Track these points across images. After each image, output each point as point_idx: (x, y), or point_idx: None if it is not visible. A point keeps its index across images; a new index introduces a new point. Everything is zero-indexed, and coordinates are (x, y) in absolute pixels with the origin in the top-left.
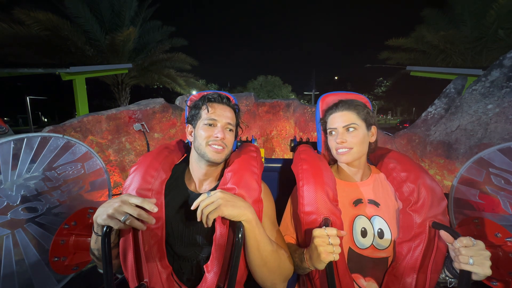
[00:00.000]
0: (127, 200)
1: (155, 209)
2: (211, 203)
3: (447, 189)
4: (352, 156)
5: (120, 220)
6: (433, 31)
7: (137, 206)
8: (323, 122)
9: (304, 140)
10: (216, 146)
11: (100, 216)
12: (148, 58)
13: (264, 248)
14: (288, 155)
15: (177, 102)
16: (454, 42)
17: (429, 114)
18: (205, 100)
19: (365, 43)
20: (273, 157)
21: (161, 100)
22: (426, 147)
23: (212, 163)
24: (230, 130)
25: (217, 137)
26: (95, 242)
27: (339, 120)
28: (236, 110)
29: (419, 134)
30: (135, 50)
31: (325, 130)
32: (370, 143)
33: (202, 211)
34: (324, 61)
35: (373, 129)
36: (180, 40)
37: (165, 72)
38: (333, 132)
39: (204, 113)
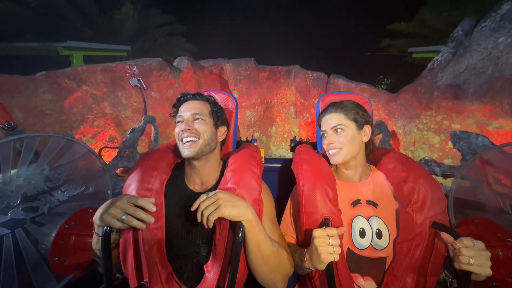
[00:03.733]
0: (126, 200)
1: (153, 209)
2: (211, 204)
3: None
4: (342, 156)
5: (119, 220)
6: (435, 14)
7: (136, 205)
8: (318, 126)
9: (304, 140)
10: (186, 139)
11: (100, 217)
12: (147, 42)
13: (265, 247)
14: (289, 125)
15: (175, 63)
16: (456, 24)
17: (436, 62)
18: (174, 104)
19: (364, 29)
20: (274, 127)
21: (158, 58)
22: (432, 93)
23: (191, 159)
24: (199, 119)
25: (183, 130)
26: (96, 242)
27: (327, 122)
28: (209, 100)
29: (425, 84)
30: (135, 35)
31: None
32: (366, 144)
33: (202, 212)
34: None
35: (366, 128)
36: (180, 26)
37: (164, 58)
38: (325, 134)
39: (176, 114)
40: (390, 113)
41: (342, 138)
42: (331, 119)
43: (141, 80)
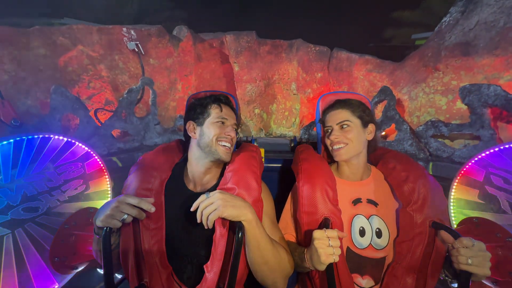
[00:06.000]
0: (125, 200)
1: (152, 209)
2: (211, 204)
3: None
4: (347, 152)
5: (119, 220)
6: (443, 1)
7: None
8: (322, 121)
9: (304, 141)
10: (225, 144)
11: (100, 218)
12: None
13: (265, 247)
14: (290, 102)
15: (175, 32)
16: None
17: (444, 23)
18: (216, 100)
19: (366, 19)
20: (274, 105)
21: (157, 25)
22: (440, 54)
23: (221, 162)
24: (234, 128)
25: (229, 135)
26: (96, 244)
27: (334, 118)
28: (237, 114)
29: (432, 46)
30: (134, 20)
31: (324, 130)
32: (369, 142)
33: (202, 212)
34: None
35: (371, 127)
36: (180, 12)
37: None
38: (329, 130)
39: (214, 112)
40: (395, 82)
41: (348, 134)
42: (338, 115)
43: (139, 45)
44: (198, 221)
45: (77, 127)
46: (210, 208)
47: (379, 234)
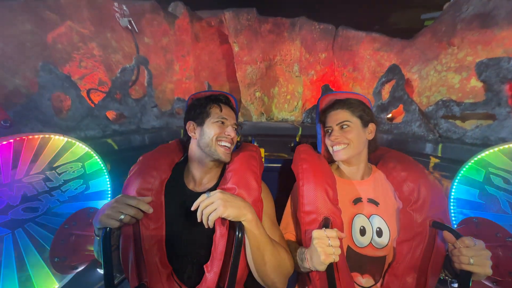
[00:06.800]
0: (123, 201)
1: (150, 210)
2: (211, 204)
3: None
4: (347, 153)
5: (117, 220)
6: None
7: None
8: (322, 122)
9: (304, 141)
10: (225, 143)
11: (99, 219)
12: None
13: (265, 247)
14: (293, 84)
15: (170, 9)
16: None
17: None
18: (216, 100)
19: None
20: (276, 88)
21: (151, 0)
22: (455, 27)
23: (221, 162)
24: (234, 128)
25: (229, 135)
26: (98, 245)
27: (334, 118)
28: (236, 112)
29: (447, 20)
30: None
31: (324, 130)
32: (369, 142)
33: (202, 212)
34: None
35: (371, 126)
36: None
37: None
38: (329, 130)
39: (215, 112)
40: (404, 61)
41: (348, 134)
42: (337, 115)
43: (132, 22)
44: (199, 220)
45: (70, 108)
46: (211, 207)
47: (379, 233)
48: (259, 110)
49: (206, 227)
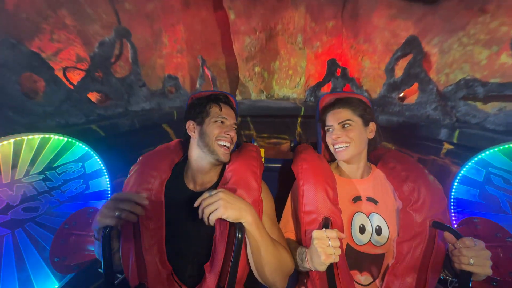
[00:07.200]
0: (116, 197)
1: (145, 202)
2: (212, 203)
3: None
4: (349, 152)
5: (114, 217)
6: None
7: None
8: (322, 121)
9: (304, 141)
10: (224, 143)
11: (96, 221)
12: None
13: (266, 248)
14: (295, 58)
15: None
16: None
17: None
18: (215, 99)
19: None
20: (277, 62)
21: None
22: None
23: (220, 162)
24: (234, 128)
25: (229, 134)
26: (98, 246)
27: (334, 117)
28: (236, 112)
29: None
30: None
31: (324, 129)
32: (370, 141)
33: (203, 210)
34: None
35: (372, 125)
36: None
37: None
38: (330, 129)
39: (215, 111)
40: (423, 31)
41: (350, 133)
42: (339, 114)
43: None
44: (200, 217)
45: (44, 90)
46: (211, 207)
47: (379, 231)
48: (258, 87)
49: (206, 224)
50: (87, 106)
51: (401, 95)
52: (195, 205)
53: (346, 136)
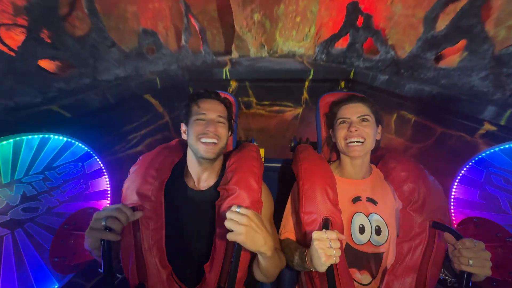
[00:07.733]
0: (98, 214)
1: (132, 216)
2: (236, 225)
3: None
4: (364, 148)
5: (101, 227)
6: None
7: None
8: (331, 114)
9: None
10: (206, 140)
11: (86, 237)
12: None
13: (272, 265)
14: (304, 1)
15: None
16: None
17: None
18: (193, 97)
19: None
20: (282, 6)
21: None
22: None
23: (205, 160)
24: (222, 123)
25: (209, 130)
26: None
27: (353, 110)
28: (227, 104)
29: None
30: None
31: (330, 124)
32: (376, 141)
33: (226, 222)
34: None
35: (379, 128)
36: None
37: None
38: (346, 122)
39: (194, 110)
40: None
41: (367, 128)
42: (358, 108)
43: None
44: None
45: None
46: (234, 228)
47: (378, 231)
48: (258, 40)
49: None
50: (40, 80)
51: (440, 53)
52: (227, 217)
53: (364, 131)
